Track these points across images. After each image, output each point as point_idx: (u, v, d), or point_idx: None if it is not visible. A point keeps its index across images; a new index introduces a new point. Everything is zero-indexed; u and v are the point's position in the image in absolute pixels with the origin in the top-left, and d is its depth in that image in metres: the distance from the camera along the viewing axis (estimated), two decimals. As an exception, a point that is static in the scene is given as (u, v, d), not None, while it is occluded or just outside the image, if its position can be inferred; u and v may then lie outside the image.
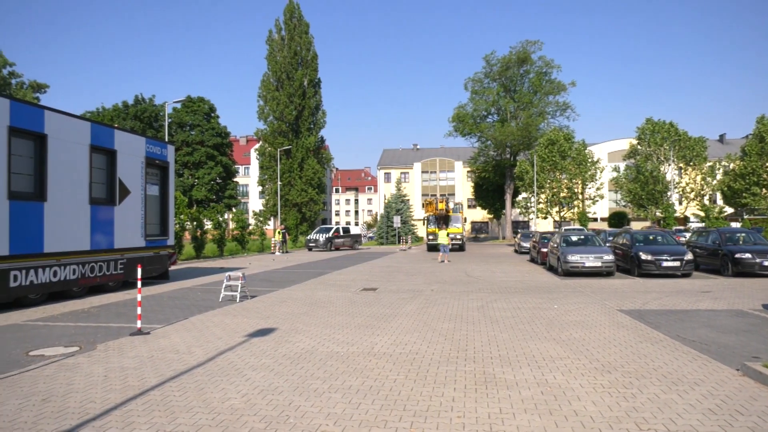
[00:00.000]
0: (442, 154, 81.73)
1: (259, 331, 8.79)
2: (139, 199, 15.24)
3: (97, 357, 7.13)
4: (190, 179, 61.91)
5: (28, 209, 11.41)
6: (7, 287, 10.95)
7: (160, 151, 16.38)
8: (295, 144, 55.50)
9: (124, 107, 62.04)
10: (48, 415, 4.90)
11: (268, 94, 55.55)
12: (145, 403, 5.20)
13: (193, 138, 62.21)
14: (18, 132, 11.18)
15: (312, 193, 55.98)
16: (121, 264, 14.42)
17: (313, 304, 11.90)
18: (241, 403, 5.22)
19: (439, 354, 7.22)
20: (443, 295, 13.38)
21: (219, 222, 31.17)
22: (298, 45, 56.19)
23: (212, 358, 7.00)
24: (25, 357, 7.17)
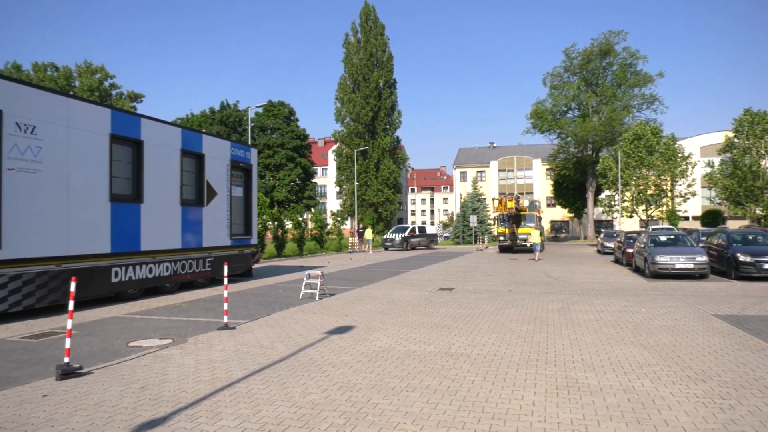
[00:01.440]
0: (519, 151, 79.89)
1: (338, 329, 8.98)
2: (225, 201, 16.00)
3: (188, 349, 7.56)
4: (271, 181, 64.20)
5: (127, 210, 12.29)
6: (109, 282, 11.85)
7: (243, 154, 17.13)
8: (371, 144, 56.20)
9: (211, 113, 65.31)
10: (145, 402, 5.26)
11: (345, 96, 56.58)
12: (231, 395, 5.46)
13: (274, 141, 64.45)
14: (118, 139, 12.08)
15: (388, 193, 56.46)
16: (209, 262, 15.22)
17: (389, 303, 12.01)
18: (321, 398, 5.36)
19: (518, 356, 7.07)
20: (522, 296, 13.08)
21: (299, 222, 32.12)
22: (373, 47, 56.83)
23: (293, 354, 7.23)
24: (125, 347, 7.73)
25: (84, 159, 11.15)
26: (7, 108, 9.60)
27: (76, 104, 11.36)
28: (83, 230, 11.11)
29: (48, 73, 53.16)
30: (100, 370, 6.45)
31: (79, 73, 54.66)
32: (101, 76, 55.18)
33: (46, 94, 10.77)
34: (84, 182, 11.13)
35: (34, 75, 52.43)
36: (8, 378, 6.12)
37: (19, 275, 9.85)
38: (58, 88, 50.23)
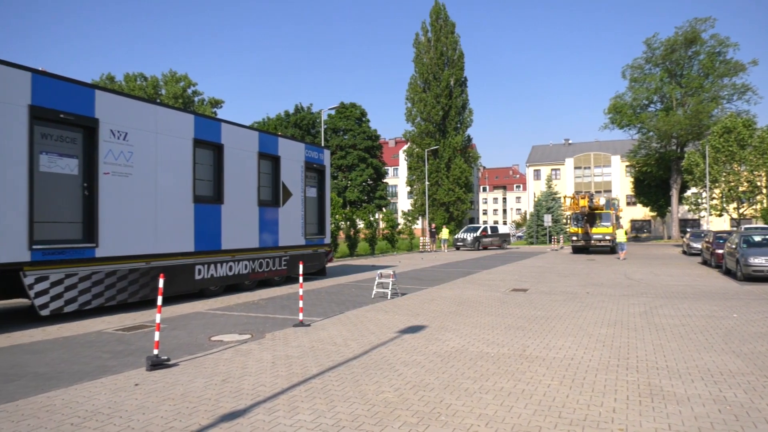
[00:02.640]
0: (596, 148, 76.84)
1: (410, 328, 9.01)
2: (300, 201, 16.45)
3: (266, 345, 7.84)
4: (343, 181, 65.26)
5: (208, 211, 12.91)
6: (193, 280, 12.50)
7: (317, 155, 17.54)
8: (442, 144, 55.90)
9: (286, 116, 67.28)
10: (227, 394, 5.50)
11: (415, 96, 56.58)
12: (307, 390, 5.61)
13: (346, 142, 65.49)
14: (200, 143, 12.72)
15: (459, 192, 55.94)
16: (284, 261, 15.70)
17: (461, 303, 11.90)
18: (395, 396, 5.40)
19: (597, 361, 6.81)
20: (600, 299, 12.59)
21: (370, 221, 32.47)
22: (444, 45, 56.49)
23: (366, 352, 7.33)
24: (207, 341, 8.12)
25: (170, 162, 11.82)
26: (103, 116, 10.34)
27: (163, 111, 12.07)
28: (170, 230, 11.79)
29: (138, 83, 56.68)
30: (185, 362, 6.81)
31: (165, 81, 57.91)
32: (185, 84, 58.19)
33: (137, 102, 11.51)
34: (170, 184, 11.80)
35: (125, 85, 56.08)
36: (104, 367, 6.59)
37: (114, 272, 10.59)
38: (147, 97, 53.47)
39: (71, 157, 9.96)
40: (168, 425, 4.61)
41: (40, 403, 5.23)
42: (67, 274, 9.73)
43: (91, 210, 10.16)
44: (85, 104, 10.08)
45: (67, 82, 9.92)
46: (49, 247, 9.41)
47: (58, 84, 9.71)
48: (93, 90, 10.40)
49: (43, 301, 9.38)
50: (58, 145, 9.75)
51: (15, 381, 6.01)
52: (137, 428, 4.54)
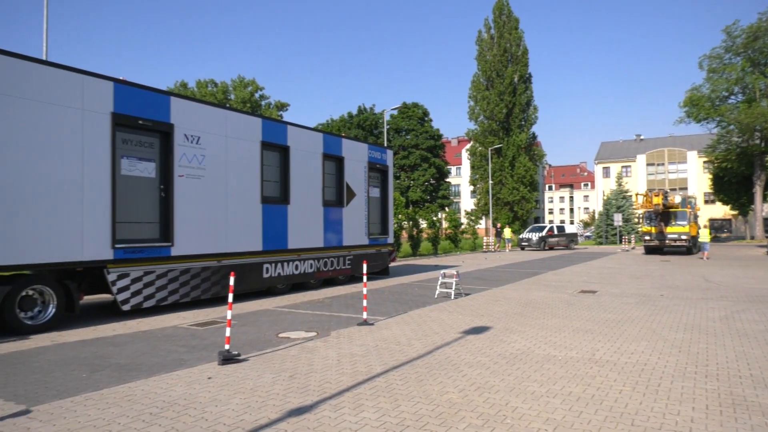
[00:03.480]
0: (670, 143, 73.12)
1: (474, 329, 8.92)
2: (363, 201, 16.64)
3: (331, 342, 7.98)
4: (406, 181, 65.40)
5: (276, 211, 13.29)
6: (261, 278, 12.91)
7: (380, 155, 17.68)
8: (505, 142, 54.95)
9: (349, 117, 68.15)
10: (294, 390, 5.64)
11: (478, 94, 55.91)
12: (372, 389, 5.67)
13: (408, 142, 65.59)
14: (267, 145, 13.11)
15: (524, 191, 54.80)
16: (348, 260, 15.93)
17: (527, 305, 11.66)
18: (459, 397, 5.36)
19: (673, 367, 6.49)
20: (676, 302, 11.99)
21: (433, 221, 32.38)
22: (507, 42, 55.50)
23: (430, 352, 7.32)
24: (275, 338, 8.36)
25: (239, 165, 12.26)
26: (177, 122, 10.87)
27: (233, 115, 12.54)
28: (239, 230, 12.23)
29: (209, 89, 59.08)
30: (254, 357, 7.04)
31: (234, 87, 60.05)
32: (252, 89, 60.12)
33: (208, 107, 12.03)
34: (239, 186, 12.24)
35: (197, 91, 58.58)
36: (180, 360, 6.92)
37: (188, 270, 11.10)
38: (217, 102, 55.65)
39: (149, 160, 10.52)
40: (239, 418, 4.78)
41: (122, 392, 5.56)
42: (145, 271, 10.29)
43: (167, 211, 10.70)
44: (161, 110, 10.62)
45: (145, 90, 10.48)
46: (130, 246, 9.98)
47: (137, 92, 10.28)
48: (168, 97, 10.94)
49: (124, 296, 9.96)
50: (137, 150, 10.32)
51: (100, 371, 6.41)
52: (210, 420, 4.74)
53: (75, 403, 5.22)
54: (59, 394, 5.49)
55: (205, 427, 4.58)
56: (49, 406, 5.12)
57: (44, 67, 8.96)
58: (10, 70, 8.36)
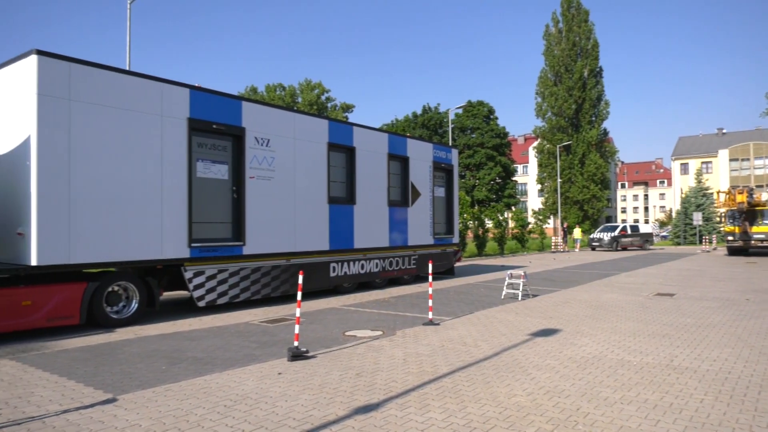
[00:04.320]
0: (757, 137, 68.27)
1: (542, 331, 8.71)
2: (428, 201, 16.61)
3: (397, 342, 8.02)
4: (471, 180, 64.70)
5: (342, 212, 13.51)
6: (328, 277, 13.16)
7: (445, 155, 17.59)
8: (575, 139, 53.27)
9: (413, 117, 68.18)
10: (361, 387, 5.72)
11: (546, 90, 54.52)
12: (438, 389, 5.66)
13: (473, 141, 64.84)
14: (334, 146, 13.36)
15: (594, 189, 52.93)
16: (413, 260, 15.95)
17: (598, 307, 11.26)
18: (527, 401, 5.26)
19: (761, 376, 6.08)
20: (764, 306, 11.21)
21: (499, 221, 31.86)
22: (576, 35, 53.80)
23: (497, 354, 7.21)
24: (342, 336, 8.50)
25: (307, 166, 12.56)
26: (248, 125, 11.26)
27: (300, 118, 12.88)
28: (307, 229, 12.53)
29: (277, 93, 60.85)
30: (322, 354, 7.19)
31: (301, 90, 61.54)
32: (319, 91, 61.38)
33: (277, 111, 12.40)
34: (307, 187, 12.54)
35: (266, 95, 60.46)
36: (252, 356, 7.17)
37: (259, 268, 11.48)
38: (286, 105, 57.16)
39: (222, 163, 10.96)
40: (308, 413, 4.90)
41: (199, 385, 5.83)
42: (219, 269, 10.73)
43: (239, 211, 11.12)
44: (233, 115, 11.04)
45: (218, 96, 10.94)
46: (205, 245, 10.44)
47: (211, 98, 10.74)
48: (240, 101, 11.37)
49: (199, 293, 10.43)
50: (211, 153, 10.78)
51: (178, 364, 6.75)
52: (281, 414, 4.89)
53: (156, 393, 5.53)
54: (142, 385, 5.82)
55: (275, 421, 4.72)
56: (133, 396, 5.44)
57: (128, 77, 9.53)
58: (99, 81, 8.95)
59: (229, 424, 4.64)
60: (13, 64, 8.76)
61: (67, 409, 5.04)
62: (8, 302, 8.12)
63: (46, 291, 8.50)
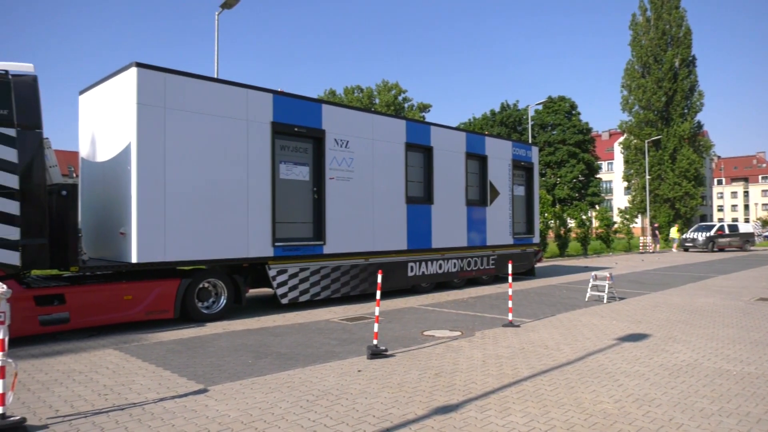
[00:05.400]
0: None
1: (631, 336, 8.31)
2: (507, 200, 16.29)
3: (476, 343, 7.93)
4: (552, 178, 62.82)
5: (419, 211, 13.53)
6: (406, 276, 13.23)
7: (524, 153, 17.18)
8: (665, 133, 50.30)
9: (491, 115, 67.13)
10: (440, 387, 5.71)
11: (633, 83, 51.82)
12: (518, 392, 5.54)
13: (554, 137, 62.93)
14: (411, 146, 13.41)
15: (687, 186, 49.70)
16: (492, 260, 15.70)
17: (693, 312, 10.58)
18: (614, 408, 5.04)
19: None
20: None
21: (582, 220, 30.71)
22: (666, 23, 50.77)
23: (581, 358, 6.96)
24: (420, 336, 8.51)
25: (385, 166, 12.69)
26: (328, 127, 11.54)
27: (378, 119, 13.04)
28: (385, 229, 12.65)
29: (355, 95, 61.86)
30: (401, 353, 7.24)
31: (379, 91, 62.20)
32: (396, 92, 61.78)
33: (356, 112, 12.63)
34: (385, 187, 12.67)
35: (344, 97, 61.63)
36: (332, 353, 7.34)
37: (338, 267, 11.73)
38: (363, 107, 58.03)
39: (303, 165, 11.30)
40: (387, 411, 4.96)
41: (283, 379, 6.05)
42: (301, 268, 11.07)
43: (319, 211, 11.42)
44: (313, 117, 11.36)
45: (300, 99, 11.29)
46: (287, 244, 10.81)
47: (292, 102, 11.11)
48: (320, 104, 11.67)
49: (283, 291, 10.81)
50: (293, 155, 11.14)
51: (263, 358, 7.03)
52: (361, 411, 4.97)
53: (243, 385, 5.79)
54: (230, 377, 6.12)
55: (356, 417, 4.81)
56: (222, 387, 5.73)
57: (216, 84, 10.05)
58: (191, 90, 9.49)
59: (312, 419, 4.77)
60: (115, 77, 9.47)
61: (163, 397, 5.39)
62: (112, 296, 8.80)
63: (145, 287, 9.14)
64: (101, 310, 8.65)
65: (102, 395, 5.46)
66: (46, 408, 5.08)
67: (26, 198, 7.86)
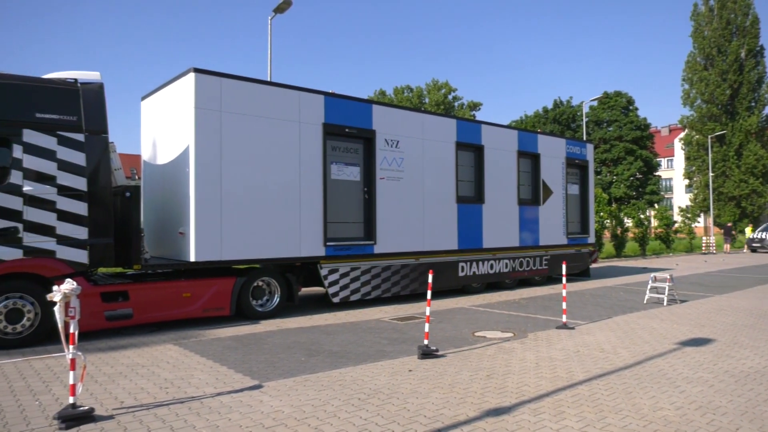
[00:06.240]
0: None
1: (693, 341, 7.97)
2: (561, 199, 15.92)
3: (529, 345, 7.79)
4: (608, 176, 60.88)
5: (470, 211, 13.41)
6: (457, 276, 13.14)
7: (579, 150, 16.74)
8: (729, 128, 47.93)
9: (544, 112, 65.69)
10: (491, 389, 5.64)
11: (694, 76, 49.66)
12: (573, 396, 5.41)
13: (610, 134, 60.96)
14: (462, 145, 13.30)
15: (754, 183, 47.17)
16: (545, 260, 15.38)
17: (761, 316, 10.04)
18: (676, 416, 4.85)
19: None
20: None
21: (640, 219, 29.63)
22: (731, 12, 48.38)
23: (640, 362, 6.73)
24: (471, 336, 8.44)
25: (435, 166, 12.64)
26: (378, 128, 11.60)
27: (428, 118, 13.02)
28: (435, 229, 12.61)
29: (404, 95, 61.86)
30: (451, 354, 7.20)
31: (428, 90, 61.95)
32: (445, 91, 61.38)
33: (406, 112, 12.64)
34: (435, 186, 12.62)
35: (394, 97, 61.74)
36: (383, 352, 7.38)
37: (389, 267, 11.78)
38: (413, 106, 57.98)
39: (354, 165, 11.40)
40: (438, 412, 4.94)
41: (334, 377, 6.12)
42: (352, 267, 11.18)
43: (370, 211, 11.49)
44: (364, 118, 11.44)
45: (350, 101, 11.40)
46: (338, 244, 10.94)
47: (343, 103, 11.23)
48: (370, 105, 11.75)
49: (334, 290, 10.95)
50: (344, 156, 11.26)
51: (315, 356, 7.14)
52: (412, 411, 4.98)
53: (296, 382, 5.90)
54: (284, 374, 6.25)
55: (407, 417, 4.82)
56: (276, 383, 5.86)
57: (269, 88, 10.28)
58: (245, 93, 9.75)
59: (363, 417, 4.82)
60: (174, 83, 9.83)
61: (220, 391, 5.56)
62: (171, 294, 9.15)
63: (202, 284, 9.46)
64: (161, 307, 9.01)
65: (163, 388, 5.69)
66: (111, 399, 5.33)
67: (93, 199, 8.28)
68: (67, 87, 8.20)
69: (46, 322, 7.77)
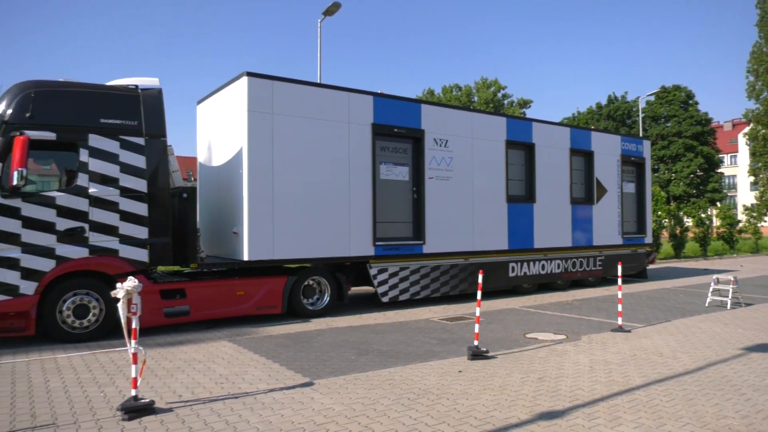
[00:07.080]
0: None
1: (759, 346, 7.57)
2: (616, 198, 15.44)
3: (582, 347, 7.60)
4: (666, 174, 58.58)
5: (521, 210, 13.19)
6: (507, 277, 12.95)
7: (635, 147, 16.20)
8: (801, 121, 45.15)
9: (597, 108, 63.84)
10: (543, 392, 5.53)
11: (760, 67, 47.00)
12: (630, 401, 5.24)
13: (668, 130, 58.62)
14: (512, 144, 13.10)
15: (828, 180, 44.28)
16: (599, 261, 14.95)
17: (836, 322, 9.44)
18: (741, 425, 4.62)
19: None
20: None
21: (701, 219, 28.36)
22: (802, -1, 45.53)
23: (701, 368, 6.45)
24: (522, 338, 8.30)
25: (485, 165, 12.51)
26: (427, 127, 11.58)
27: (477, 117, 12.88)
28: (485, 229, 12.47)
29: (453, 94, 61.42)
30: (502, 355, 7.11)
31: (477, 88, 61.26)
32: (495, 89, 60.53)
33: (455, 111, 12.57)
34: (485, 186, 12.48)
35: (442, 96, 61.40)
36: (432, 352, 7.36)
37: (438, 266, 11.73)
38: (462, 105, 57.53)
39: (403, 165, 11.42)
40: (489, 414, 4.89)
41: (384, 376, 6.15)
42: (401, 267, 11.20)
43: (418, 211, 11.48)
44: (412, 118, 11.44)
45: (399, 101, 11.42)
46: (388, 244, 10.98)
47: (392, 103, 11.26)
48: (419, 105, 11.73)
49: (383, 289, 11.00)
50: (393, 156, 11.29)
51: (365, 355, 7.20)
52: (462, 412, 4.94)
53: (346, 381, 5.97)
54: (334, 372, 6.33)
55: (457, 418, 4.79)
56: (326, 381, 5.94)
57: (319, 89, 10.43)
58: (295, 95, 9.93)
59: (413, 417, 4.82)
60: (228, 86, 10.12)
61: (273, 388, 5.69)
62: (226, 292, 9.42)
63: (255, 283, 9.69)
64: (216, 305, 9.29)
65: (218, 383, 5.86)
66: (170, 393, 5.54)
67: (153, 201, 8.63)
68: (128, 93, 8.58)
69: (110, 317, 8.17)
